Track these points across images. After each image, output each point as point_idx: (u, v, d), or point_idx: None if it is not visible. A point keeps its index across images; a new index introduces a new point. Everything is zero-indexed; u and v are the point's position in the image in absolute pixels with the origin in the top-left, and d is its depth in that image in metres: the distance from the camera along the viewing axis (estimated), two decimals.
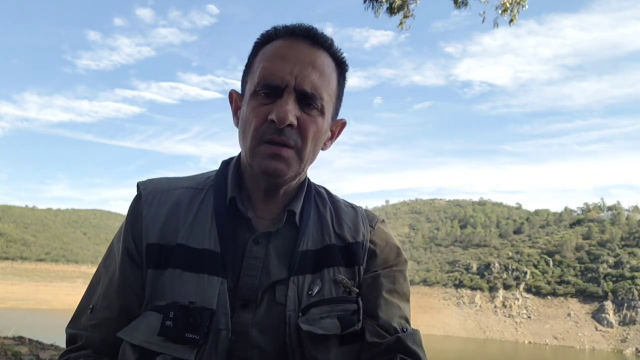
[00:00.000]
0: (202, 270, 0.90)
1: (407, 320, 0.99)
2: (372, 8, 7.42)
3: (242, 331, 0.88)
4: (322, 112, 0.93)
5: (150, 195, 0.99)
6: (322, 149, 1.03)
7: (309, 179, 1.07)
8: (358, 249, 1.01)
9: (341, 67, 1.00)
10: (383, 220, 1.11)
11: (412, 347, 0.91)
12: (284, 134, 0.88)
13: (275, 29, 0.97)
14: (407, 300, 1.04)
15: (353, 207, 1.10)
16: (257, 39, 0.98)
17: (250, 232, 0.95)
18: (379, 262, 1.02)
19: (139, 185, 1.02)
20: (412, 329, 0.97)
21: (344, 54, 1.00)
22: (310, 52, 0.93)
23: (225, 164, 1.06)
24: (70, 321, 0.98)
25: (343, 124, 1.07)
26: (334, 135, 1.06)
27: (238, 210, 0.96)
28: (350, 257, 1.00)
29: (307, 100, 0.91)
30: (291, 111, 0.88)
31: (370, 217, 1.09)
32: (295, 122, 0.89)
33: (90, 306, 0.96)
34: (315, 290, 0.94)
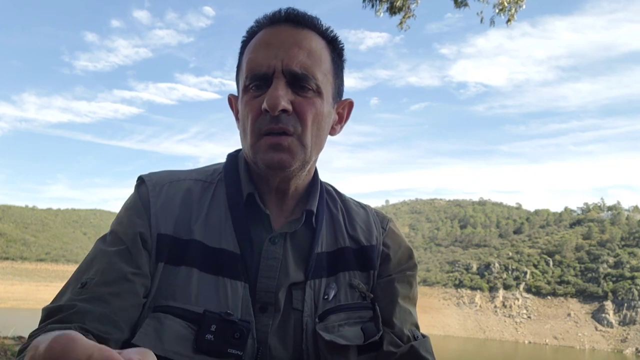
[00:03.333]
0: (222, 272, 0.85)
1: (417, 327, 0.97)
2: (372, 7, 7.40)
3: (262, 339, 0.84)
4: (318, 93, 0.87)
5: (157, 186, 0.91)
6: (331, 134, 0.97)
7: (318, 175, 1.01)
8: (372, 253, 0.97)
9: (333, 45, 0.94)
10: (392, 220, 1.08)
11: (425, 356, 0.90)
12: (280, 121, 0.83)
13: (257, 21, 0.93)
14: (416, 304, 1.01)
15: (363, 207, 1.06)
16: (243, 36, 0.95)
17: (266, 231, 0.90)
18: (392, 266, 0.99)
19: (142, 177, 0.93)
20: (423, 336, 0.95)
21: (334, 32, 0.94)
22: (295, 33, 0.88)
23: (233, 157, 0.99)
24: (51, 302, 0.80)
25: (350, 103, 1.00)
26: (342, 118, 1.00)
27: (254, 208, 0.90)
28: (364, 260, 0.97)
29: (299, 83, 0.85)
30: (283, 96, 0.83)
31: (380, 218, 1.06)
32: (289, 107, 0.83)
33: (81, 282, 0.80)
34: (332, 294, 0.91)
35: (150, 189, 0.90)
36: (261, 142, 0.85)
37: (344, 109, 0.99)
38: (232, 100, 1.00)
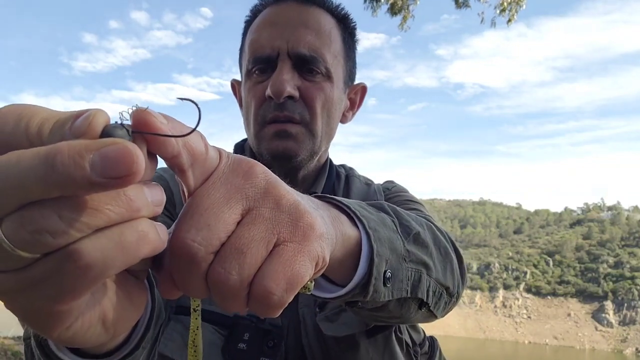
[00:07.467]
0: None
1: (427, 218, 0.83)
2: (371, 8, 7.43)
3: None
4: (328, 77, 0.79)
5: (172, 179, 0.80)
6: (342, 122, 0.89)
7: (331, 160, 0.93)
8: None
9: (344, 23, 0.86)
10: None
11: None
12: (286, 108, 0.76)
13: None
14: (414, 204, 0.90)
15: (368, 184, 0.96)
16: (247, 16, 0.87)
17: None
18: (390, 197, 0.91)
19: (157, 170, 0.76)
20: None
21: (345, 9, 0.86)
22: (302, 11, 0.80)
23: (239, 147, 0.92)
24: None
25: (362, 88, 0.92)
26: (354, 104, 0.92)
27: None
28: None
29: (307, 66, 0.77)
30: (288, 80, 0.75)
31: (385, 185, 0.96)
32: (296, 93, 0.76)
33: None
34: None
35: (169, 180, 0.79)
36: (265, 130, 0.78)
37: (356, 94, 0.92)
38: (235, 85, 0.92)
